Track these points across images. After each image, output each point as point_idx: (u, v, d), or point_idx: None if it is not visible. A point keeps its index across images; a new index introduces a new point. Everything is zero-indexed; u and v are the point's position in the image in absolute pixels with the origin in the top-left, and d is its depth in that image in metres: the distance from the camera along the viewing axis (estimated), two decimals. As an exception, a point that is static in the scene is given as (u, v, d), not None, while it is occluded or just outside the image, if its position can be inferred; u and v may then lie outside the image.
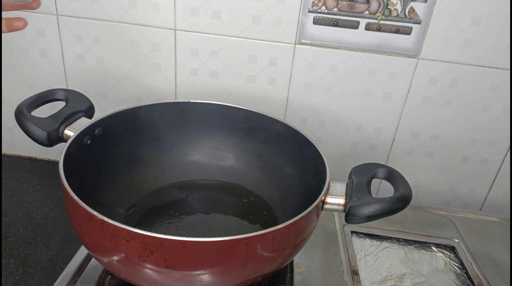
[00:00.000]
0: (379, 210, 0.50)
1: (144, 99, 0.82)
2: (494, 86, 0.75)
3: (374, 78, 0.76)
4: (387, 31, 0.72)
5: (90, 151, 0.59)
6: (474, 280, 0.64)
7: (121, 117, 0.64)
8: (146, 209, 0.65)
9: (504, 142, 0.80)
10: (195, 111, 0.70)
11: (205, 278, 0.45)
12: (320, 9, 0.72)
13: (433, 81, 0.75)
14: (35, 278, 0.63)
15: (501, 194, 0.85)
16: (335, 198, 0.53)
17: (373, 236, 0.71)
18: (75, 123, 0.60)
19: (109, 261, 0.47)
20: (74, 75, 0.81)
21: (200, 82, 0.80)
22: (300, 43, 0.75)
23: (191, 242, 0.42)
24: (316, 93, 0.79)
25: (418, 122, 0.80)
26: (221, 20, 0.74)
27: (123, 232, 0.43)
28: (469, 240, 0.72)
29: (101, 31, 0.77)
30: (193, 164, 0.73)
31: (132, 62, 0.79)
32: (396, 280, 0.62)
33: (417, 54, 0.74)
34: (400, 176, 0.55)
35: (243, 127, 0.70)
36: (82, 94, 0.64)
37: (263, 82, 0.79)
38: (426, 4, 0.69)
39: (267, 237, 0.45)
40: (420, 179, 0.85)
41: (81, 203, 0.45)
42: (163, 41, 0.76)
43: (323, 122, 0.81)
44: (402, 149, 0.83)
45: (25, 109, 0.58)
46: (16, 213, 0.74)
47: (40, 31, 0.77)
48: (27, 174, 0.85)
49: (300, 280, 0.60)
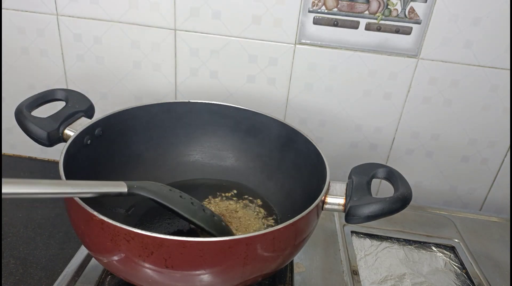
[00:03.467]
0: (379, 210, 0.50)
1: (144, 99, 0.82)
2: (494, 86, 0.75)
3: (374, 78, 0.76)
4: (387, 31, 0.72)
5: (90, 151, 0.59)
6: (474, 280, 0.64)
7: (121, 117, 0.64)
8: (146, 209, 0.65)
9: (504, 142, 0.80)
10: (195, 111, 0.70)
11: (205, 278, 0.45)
12: (320, 9, 0.72)
13: (433, 81, 0.75)
14: (35, 278, 0.63)
15: (501, 194, 0.85)
16: (335, 198, 0.53)
17: (373, 236, 0.71)
18: (75, 123, 0.60)
19: (109, 261, 0.47)
20: (74, 75, 0.81)
21: (200, 82, 0.80)
22: (300, 43, 0.75)
23: (191, 242, 0.42)
24: (316, 93, 0.79)
25: (418, 122, 0.80)
26: (221, 20, 0.74)
27: (123, 232, 0.43)
28: (469, 240, 0.72)
29: (101, 31, 0.77)
30: (193, 164, 0.73)
31: (132, 62, 0.79)
32: (396, 280, 0.62)
33: (417, 54, 0.74)
34: (400, 176, 0.55)
35: (243, 127, 0.70)
36: (82, 94, 0.64)
37: (263, 82, 0.79)
38: (426, 4, 0.69)
39: (267, 237, 0.45)
40: (420, 179, 0.85)
41: (81, 203, 0.45)
42: (163, 41, 0.76)
43: (323, 122, 0.81)
44: (402, 149, 0.83)
45: (25, 109, 0.58)
46: (16, 213, 0.74)
47: (40, 31, 0.77)
48: (27, 174, 0.85)
49: (300, 280, 0.60)
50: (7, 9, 0.76)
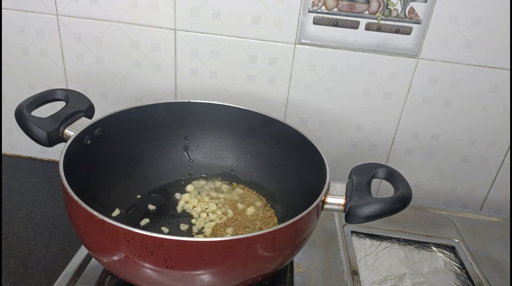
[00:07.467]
0: (379, 210, 0.50)
1: (144, 99, 0.82)
2: (494, 86, 0.75)
3: (374, 78, 0.76)
4: (387, 31, 0.72)
5: (90, 151, 0.59)
6: (474, 280, 0.64)
7: (121, 117, 0.64)
8: (146, 209, 0.65)
9: (504, 142, 0.80)
10: (195, 111, 0.70)
11: (205, 278, 0.45)
12: (320, 9, 0.72)
13: (433, 81, 0.75)
14: (35, 278, 0.63)
15: (501, 194, 0.85)
16: (335, 198, 0.53)
17: (373, 236, 0.71)
18: (75, 123, 0.60)
19: (109, 261, 0.47)
20: (74, 75, 0.81)
21: (200, 82, 0.80)
22: (300, 43, 0.75)
23: (191, 242, 0.42)
24: (316, 93, 0.79)
25: (418, 122, 0.80)
26: (221, 20, 0.74)
27: (123, 232, 0.43)
28: (469, 240, 0.72)
29: (101, 31, 0.77)
30: (193, 164, 0.73)
31: (132, 62, 0.79)
32: (396, 280, 0.62)
33: (417, 54, 0.74)
34: (400, 176, 0.55)
35: (243, 127, 0.70)
36: (82, 94, 0.64)
37: (263, 82, 0.79)
38: (426, 4, 0.69)
39: (267, 237, 0.45)
40: (420, 179, 0.85)
41: (81, 203, 0.45)
42: (163, 41, 0.76)
43: (323, 122, 0.81)
44: (402, 149, 0.83)
45: (25, 109, 0.58)
46: (16, 213, 0.74)
47: (40, 31, 0.77)
48: (27, 174, 0.85)
49: (300, 280, 0.60)
50: (7, 9, 0.76)
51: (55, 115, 0.59)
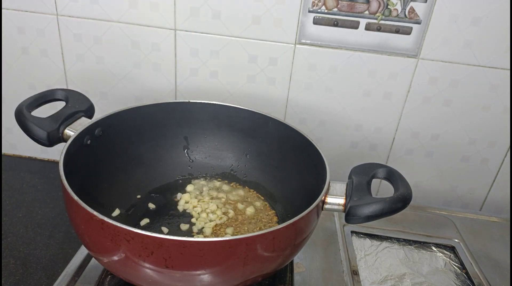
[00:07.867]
0: (379, 210, 0.50)
1: (144, 99, 0.82)
2: (494, 86, 0.75)
3: (374, 78, 0.76)
4: (387, 31, 0.72)
5: (90, 151, 0.59)
6: (474, 280, 0.64)
7: (121, 117, 0.64)
8: (146, 209, 0.65)
9: (504, 142, 0.80)
10: (195, 111, 0.70)
11: (205, 278, 0.45)
12: (320, 9, 0.72)
13: (433, 81, 0.75)
14: (35, 278, 0.63)
15: (501, 194, 0.85)
16: (335, 198, 0.53)
17: (373, 236, 0.71)
18: (75, 123, 0.60)
19: (109, 261, 0.47)
20: (74, 75, 0.81)
21: (200, 82, 0.80)
22: (300, 43, 0.75)
23: (191, 242, 0.42)
24: (316, 93, 0.79)
25: (418, 122, 0.80)
26: (221, 20, 0.74)
27: (123, 232, 0.43)
28: (469, 240, 0.72)
29: (101, 31, 0.77)
30: (193, 164, 0.73)
31: (132, 62, 0.79)
32: (396, 280, 0.62)
33: (417, 54, 0.74)
34: (400, 176, 0.55)
35: (243, 127, 0.70)
36: (82, 94, 0.64)
37: (263, 82, 0.79)
38: (426, 4, 0.69)
39: (267, 237, 0.45)
40: (420, 179, 0.85)
41: (81, 203, 0.45)
42: (163, 41, 0.76)
43: (323, 122, 0.81)
44: (402, 149, 0.83)
45: (25, 109, 0.58)
46: (16, 213, 0.74)
47: (40, 31, 0.77)
48: (27, 174, 0.85)
49: (300, 280, 0.60)
50: (7, 9, 0.76)
51: (55, 115, 0.59)
